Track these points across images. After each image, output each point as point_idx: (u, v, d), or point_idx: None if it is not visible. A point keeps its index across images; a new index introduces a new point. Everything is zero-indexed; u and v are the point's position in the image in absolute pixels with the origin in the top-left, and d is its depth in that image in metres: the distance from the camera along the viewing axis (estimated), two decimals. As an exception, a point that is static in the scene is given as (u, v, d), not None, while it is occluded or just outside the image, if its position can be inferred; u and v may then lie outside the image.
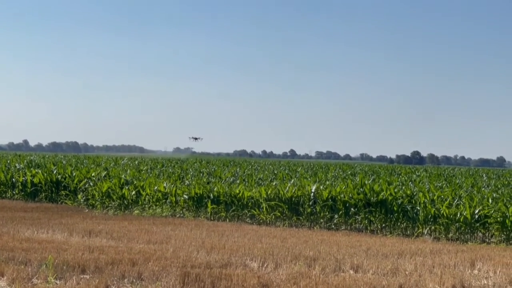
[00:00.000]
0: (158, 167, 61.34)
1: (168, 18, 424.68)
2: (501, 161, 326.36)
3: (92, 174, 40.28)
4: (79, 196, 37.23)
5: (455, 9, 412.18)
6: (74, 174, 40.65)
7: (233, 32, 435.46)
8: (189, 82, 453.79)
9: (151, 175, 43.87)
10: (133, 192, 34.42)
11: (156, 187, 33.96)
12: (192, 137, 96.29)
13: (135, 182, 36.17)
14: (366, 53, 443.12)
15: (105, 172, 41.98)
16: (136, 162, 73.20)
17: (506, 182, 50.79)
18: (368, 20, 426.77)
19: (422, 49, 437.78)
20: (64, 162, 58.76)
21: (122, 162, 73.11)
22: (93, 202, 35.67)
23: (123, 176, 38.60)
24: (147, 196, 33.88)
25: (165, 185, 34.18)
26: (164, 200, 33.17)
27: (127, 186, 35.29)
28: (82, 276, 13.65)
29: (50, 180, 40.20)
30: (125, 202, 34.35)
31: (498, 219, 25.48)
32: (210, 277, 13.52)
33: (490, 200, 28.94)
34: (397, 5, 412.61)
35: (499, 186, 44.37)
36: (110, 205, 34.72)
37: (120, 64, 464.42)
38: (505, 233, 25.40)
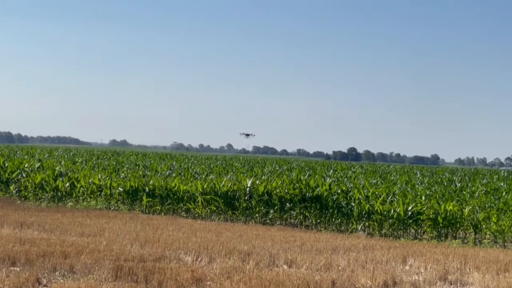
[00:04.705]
0: (94, 159, 60.70)
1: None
2: (435, 158, 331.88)
3: (25, 165, 39.66)
4: (11, 188, 36.62)
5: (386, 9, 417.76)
6: (6, 165, 39.93)
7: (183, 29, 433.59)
8: (127, 76, 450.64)
9: (86, 167, 43.39)
10: (67, 184, 33.98)
11: (90, 180, 33.59)
12: (244, 133, 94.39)
13: (70, 174, 35.73)
14: (310, 51, 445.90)
15: (38, 164, 41.37)
16: (71, 154, 72.35)
17: (439, 180, 51.64)
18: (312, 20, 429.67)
19: (358, 47, 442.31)
20: (-3, 152, 57.67)
21: (57, 153, 72.17)
22: (26, 193, 35.13)
23: (57, 167, 38.07)
24: (82, 188, 33.48)
25: (100, 177, 33.83)
26: (98, 193, 32.83)
27: (61, 178, 34.83)
28: (12, 269, 13.40)
29: (-19, 171, 39.43)
30: (59, 194, 33.91)
31: (431, 216, 25.87)
32: (143, 271, 13.41)
33: (423, 197, 29.41)
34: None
35: (432, 184, 45.10)
36: (43, 197, 34.23)
37: (55, 56, 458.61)
38: (436, 229, 25.81)
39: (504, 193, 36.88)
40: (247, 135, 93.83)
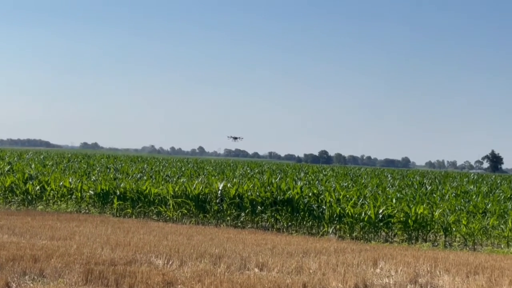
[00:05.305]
0: (64, 162, 60.32)
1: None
2: (405, 161, 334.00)
3: (-5, 168, 39.32)
4: (-19, 191, 36.26)
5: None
6: (-24, 168, 39.57)
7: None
8: (98, 79, 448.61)
9: (56, 170, 43.11)
10: (38, 187, 33.73)
11: (61, 183, 33.37)
12: (232, 137, 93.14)
13: (40, 177, 35.46)
14: (281, 53, 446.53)
15: (8, 167, 41.07)
16: (42, 157, 71.84)
17: (410, 183, 51.94)
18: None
19: (329, 50, 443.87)
20: (-34, 155, 57.14)
21: (27, 156, 71.63)
22: (-5, 197, 34.80)
23: (27, 170, 37.78)
24: (52, 191, 33.25)
25: (70, 180, 33.62)
26: (69, 196, 32.63)
27: (31, 181, 34.57)
28: (-19, 273, 13.27)
29: (-50, 174, 39.01)
30: (29, 197, 33.64)
31: (401, 219, 26.00)
32: (114, 274, 13.33)
33: (394, 200, 29.54)
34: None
35: (403, 187, 45.36)
36: (13, 200, 33.95)
37: (24, 59, 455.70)
38: (407, 232, 25.95)
39: (474, 196, 37.22)
40: (235, 138, 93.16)
